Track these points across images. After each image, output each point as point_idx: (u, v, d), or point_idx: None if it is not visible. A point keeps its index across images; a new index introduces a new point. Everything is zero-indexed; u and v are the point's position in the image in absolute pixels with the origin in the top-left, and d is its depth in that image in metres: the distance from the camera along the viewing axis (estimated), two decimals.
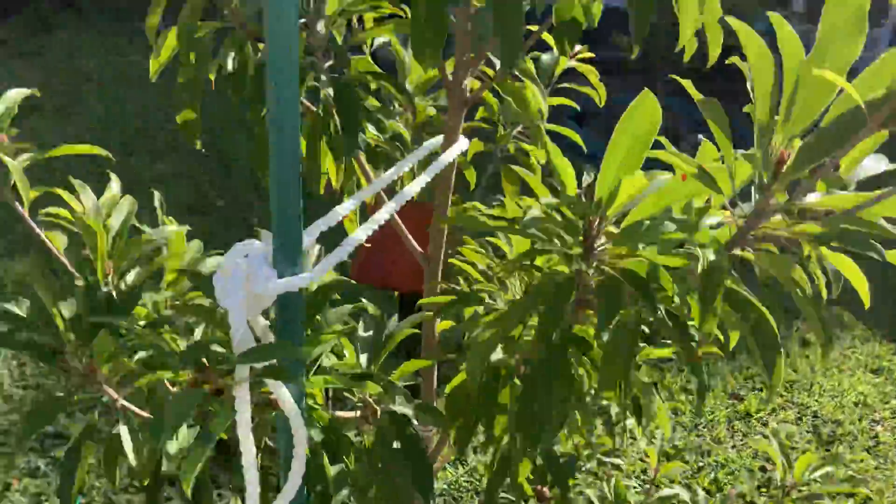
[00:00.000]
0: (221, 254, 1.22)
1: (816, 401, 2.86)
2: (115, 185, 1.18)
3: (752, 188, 0.63)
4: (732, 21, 0.60)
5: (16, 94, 1.00)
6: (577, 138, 1.29)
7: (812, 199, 0.58)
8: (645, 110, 0.61)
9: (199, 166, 4.15)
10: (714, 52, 0.80)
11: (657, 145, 0.66)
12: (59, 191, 1.06)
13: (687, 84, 0.66)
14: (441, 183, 1.05)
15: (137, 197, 1.13)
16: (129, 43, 6.56)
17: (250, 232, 3.50)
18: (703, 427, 2.71)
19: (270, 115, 0.73)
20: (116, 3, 7.99)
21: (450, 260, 1.09)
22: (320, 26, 0.90)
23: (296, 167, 0.78)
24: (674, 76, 0.74)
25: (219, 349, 0.80)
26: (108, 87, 5.38)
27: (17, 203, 1.02)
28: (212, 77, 0.94)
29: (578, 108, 1.30)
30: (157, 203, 1.23)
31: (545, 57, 1.23)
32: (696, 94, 0.64)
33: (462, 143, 0.99)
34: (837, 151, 0.56)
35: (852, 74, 0.56)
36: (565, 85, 1.28)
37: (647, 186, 0.62)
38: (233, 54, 0.86)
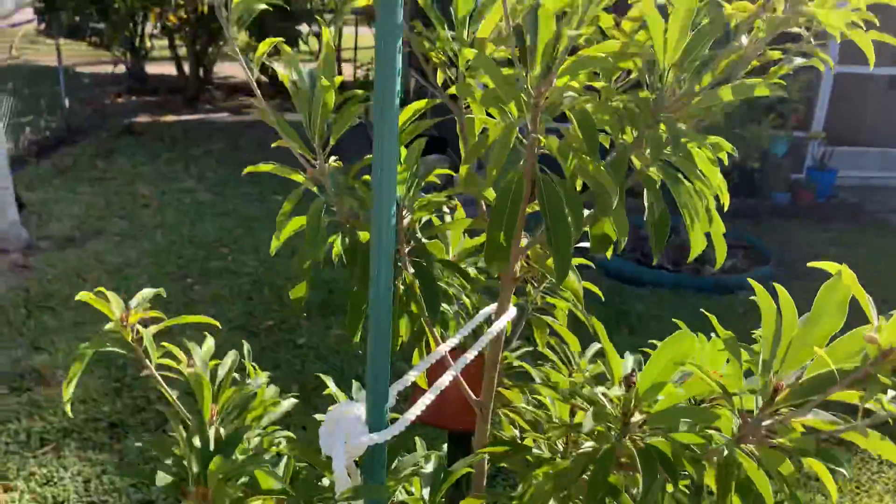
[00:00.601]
0: (297, 396, 1.43)
1: None
2: (210, 340, 1.39)
3: (756, 399, 0.82)
4: (753, 283, 0.83)
5: (147, 293, 1.23)
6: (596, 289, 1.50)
7: (799, 418, 0.78)
8: (682, 345, 0.83)
9: (251, 290, 4.42)
10: (720, 259, 1.02)
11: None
12: (174, 347, 1.28)
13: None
14: (493, 340, 1.25)
15: (192, 314, 1.34)
16: (184, 169, 7.05)
17: (298, 352, 3.78)
18: None
19: (373, 293, 0.96)
20: (171, 131, 8.61)
21: (501, 410, 1.29)
22: (406, 221, 1.14)
23: (388, 344, 0.99)
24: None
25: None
26: (165, 212, 5.77)
27: (146, 360, 1.23)
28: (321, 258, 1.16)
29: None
30: (245, 352, 1.45)
31: None
32: (722, 331, 0.85)
33: (511, 312, 1.20)
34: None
35: None
36: None
37: (676, 391, 0.82)
38: (346, 239, 1.09)
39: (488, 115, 0.99)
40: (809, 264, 0.84)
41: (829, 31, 0.83)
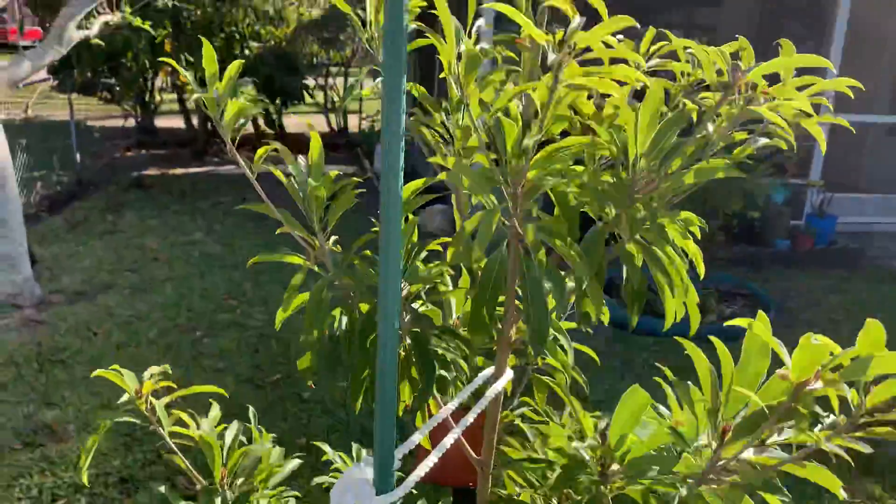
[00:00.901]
0: (303, 453, 1.50)
1: None
2: (216, 408, 1.46)
3: (710, 441, 0.89)
4: (683, 341, 0.90)
5: (156, 370, 1.31)
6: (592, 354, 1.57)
7: (747, 455, 0.84)
8: (637, 398, 0.91)
9: (258, 343, 4.49)
10: (694, 325, 1.09)
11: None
12: (177, 428, 1.34)
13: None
14: (492, 401, 1.32)
15: (202, 368, 1.41)
16: (192, 222, 7.18)
17: (304, 406, 3.84)
18: None
19: (380, 364, 1.03)
20: (180, 184, 8.78)
21: (505, 473, 1.35)
22: (405, 292, 1.22)
23: (393, 413, 1.07)
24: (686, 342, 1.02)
25: None
26: (174, 265, 5.88)
27: (159, 427, 1.30)
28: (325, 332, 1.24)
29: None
30: (251, 417, 1.52)
31: None
32: (677, 382, 0.92)
33: (508, 374, 1.27)
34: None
35: None
36: None
37: (639, 440, 0.89)
38: (345, 318, 1.17)
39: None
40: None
41: (776, 125, 0.92)
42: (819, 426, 0.82)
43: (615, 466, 0.99)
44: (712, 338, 0.90)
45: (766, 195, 6.04)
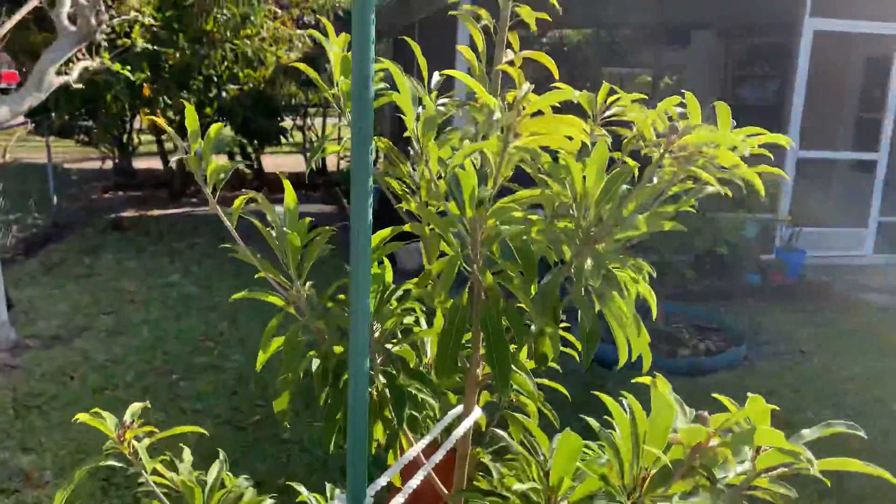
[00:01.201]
0: (278, 498, 1.54)
1: None
2: (187, 453, 1.50)
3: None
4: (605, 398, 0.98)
5: (136, 408, 1.36)
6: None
7: None
8: (570, 443, 0.98)
9: (237, 384, 4.50)
10: (646, 364, 1.17)
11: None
12: (160, 467, 1.38)
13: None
14: (462, 438, 1.38)
15: (180, 411, 1.46)
16: (169, 263, 7.19)
17: (283, 446, 3.87)
18: None
19: (351, 404, 1.09)
20: (157, 226, 8.80)
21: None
22: (377, 334, 1.29)
23: (365, 451, 1.12)
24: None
25: None
26: (151, 307, 5.88)
27: (143, 471, 1.34)
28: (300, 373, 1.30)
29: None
30: (221, 457, 1.56)
31: None
32: (598, 430, 0.99)
33: (476, 413, 1.34)
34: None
35: None
36: None
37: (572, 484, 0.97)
38: (317, 362, 1.23)
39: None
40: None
41: (707, 178, 1.00)
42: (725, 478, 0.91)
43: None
44: (626, 393, 0.98)
45: (737, 231, 6.19)
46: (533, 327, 1.11)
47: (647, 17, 10.96)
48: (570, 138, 1.03)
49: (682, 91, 1.12)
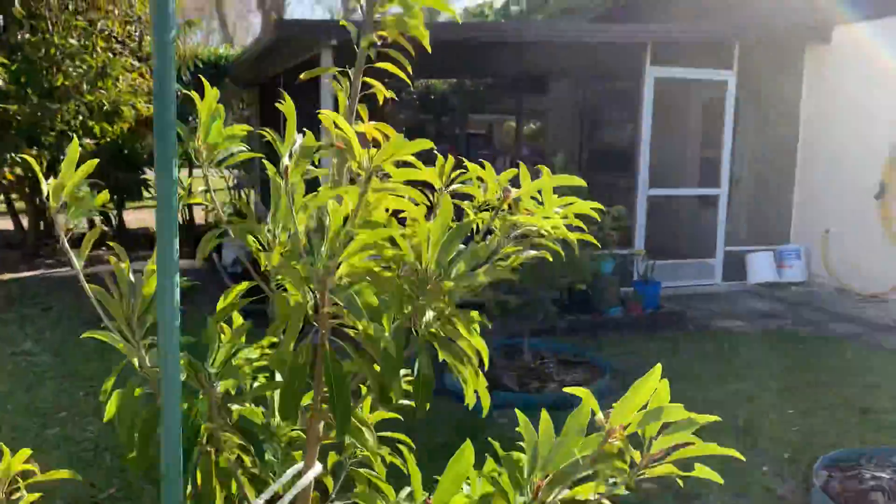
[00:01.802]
0: None
1: None
2: None
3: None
4: (519, 414, 1.02)
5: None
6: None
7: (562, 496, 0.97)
8: (461, 463, 1.01)
9: (93, 457, 4.23)
10: (485, 405, 1.22)
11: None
12: None
13: None
14: (303, 493, 1.37)
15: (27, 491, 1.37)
16: (19, 329, 6.71)
17: None
18: None
19: (163, 465, 1.06)
20: (7, 290, 8.20)
21: None
22: (220, 390, 1.26)
23: None
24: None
25: None
26: None
27: None
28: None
29: None
30: None
31: None
32: (500, 451, 1.03)
33: (317, 468, 1.33)
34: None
35: None
36: None
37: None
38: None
39: None
40: None
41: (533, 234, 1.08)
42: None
43: None
44: (544, 410, 1.04)
45: (596, 266, 6.50)
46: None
47: (508, 68, 11.48)
48: (416, 203, 1.09)
49: (530, 151, 1.21)
